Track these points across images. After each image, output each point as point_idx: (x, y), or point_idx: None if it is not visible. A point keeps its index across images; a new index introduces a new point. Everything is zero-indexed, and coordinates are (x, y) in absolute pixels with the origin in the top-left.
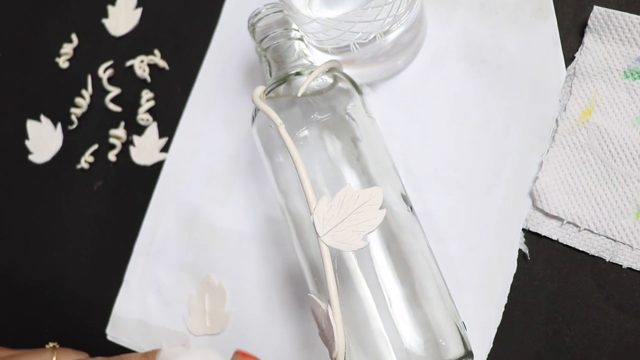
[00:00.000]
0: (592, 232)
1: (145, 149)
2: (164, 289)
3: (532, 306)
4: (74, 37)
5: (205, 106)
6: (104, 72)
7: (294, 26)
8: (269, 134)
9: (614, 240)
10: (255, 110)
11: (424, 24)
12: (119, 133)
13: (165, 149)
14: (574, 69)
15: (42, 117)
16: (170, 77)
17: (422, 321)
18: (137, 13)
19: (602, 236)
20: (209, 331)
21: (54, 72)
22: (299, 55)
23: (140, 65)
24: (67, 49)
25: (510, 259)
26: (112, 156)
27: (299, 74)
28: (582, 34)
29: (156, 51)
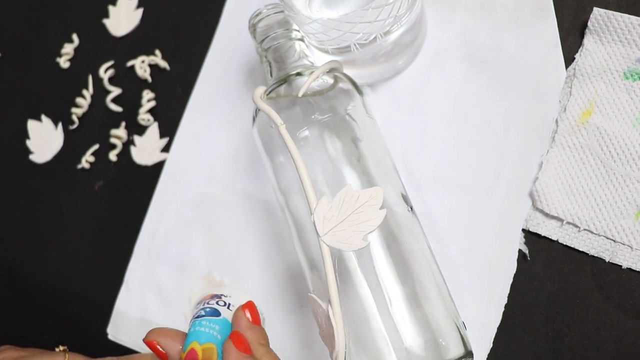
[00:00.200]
0: (591, 232)
1: (146, 149)
2: (164, 288)
3: (532, 306)
4: (74, 37)
5: (206, 106)
6: (104, 72)
7: (294, 27)
8: (269, 134)
9: (614, 241)
10: (256, 110)
11: (424, 25)
12: (119, 133)
13: (166, 149)
14: (574, 69)
15: (43, 117)
16: (171, 78)
17: (422, 321)
18: (138, 13)
19: (601, 236)
20: None
21: (55, 72)
22: (300, 56)
23: (141, 66)
24: (68, 49)
25: (510, 259)
26: (112, 156)
27: (299, 74)
28: (582, 35)
29: (157, 51)
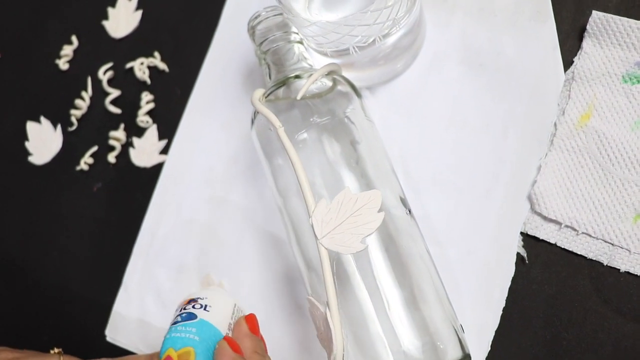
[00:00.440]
0: (590, 235)
1: (144, 150)
2: (162, 290)
3: (530, 309)
4: (74, 38)
5: (204, 108)
6: (104, 74)
7: (293, 29)
8: (268, 136)
9: (612, 244)
10: (255, 112)
11: (423, 28)
12: (118, 135)
13: (165, 151)
14: (573, 73)
15: (42, 118)
16: (170, 79)
17: (420, 324)
18: (137, 15)
19: (600, 240)
20: None
21: (54, 73)
22: (299, 58)
23: (140, 67)
24: (67, 50)
25: (508, 262)
26: (111, 158)
27: (298, 77)
28: (581, 38)
29: (156, 53)
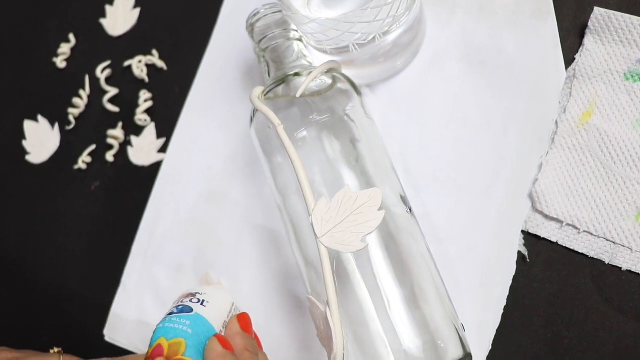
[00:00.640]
0: (591, 234)
1: (143, 149)
2: (161, 289)
3: (531, 308)
4: (71, 37)
5: (203, 106)
6: (101, 72)
7: (292, 27)
8: (267, 134)
9: (614, 243)
10: (254, 110)
11: (423, 25)
12: (116, 133)
13: (163, 149)
14: (574, 70)
15: (39, 117)
16: (169, 78)
17: (420, 323)
18: (135, 13)
19: (601, 238)
20: None
21: (51, 72)
22: (298, 56)
23: (138, 66)
24: (64, 49)
25: (509, 261)
26: (109, 156)
27: (297, 74)
28: (582, 35)
29: (154, 51)
